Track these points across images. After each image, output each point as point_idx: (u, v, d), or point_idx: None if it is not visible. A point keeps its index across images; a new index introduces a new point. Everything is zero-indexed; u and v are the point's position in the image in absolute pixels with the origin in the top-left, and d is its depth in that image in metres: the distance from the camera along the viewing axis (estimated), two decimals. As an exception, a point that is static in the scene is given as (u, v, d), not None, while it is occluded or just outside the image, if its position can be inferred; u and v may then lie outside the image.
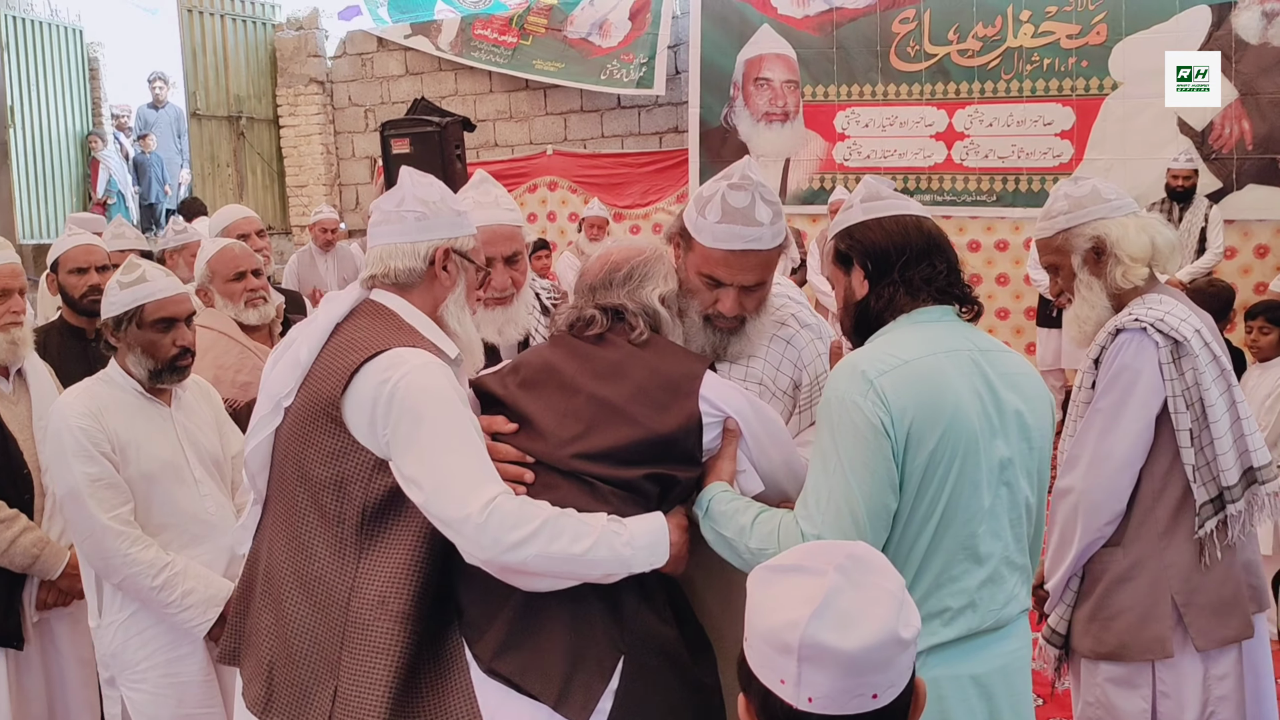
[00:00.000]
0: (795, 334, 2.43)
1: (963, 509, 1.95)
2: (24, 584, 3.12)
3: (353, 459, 2.00)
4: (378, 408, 1.96)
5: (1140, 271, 2.60)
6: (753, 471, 2.11)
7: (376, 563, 2.00)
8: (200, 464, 2.95)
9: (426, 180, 2.22)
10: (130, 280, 2.86)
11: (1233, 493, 2.54)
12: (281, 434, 2.11)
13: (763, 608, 1.28)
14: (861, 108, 9.26)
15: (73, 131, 11.90)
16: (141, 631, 2.83)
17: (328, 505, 2.02)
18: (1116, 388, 2.54)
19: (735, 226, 2.19)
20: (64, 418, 2.77)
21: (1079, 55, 8.50)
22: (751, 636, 1.29)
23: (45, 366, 3.34)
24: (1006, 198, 8.82)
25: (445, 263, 2.15)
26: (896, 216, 2.08)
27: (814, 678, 1.22)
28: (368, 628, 1.97)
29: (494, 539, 1.87)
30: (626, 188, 10.37)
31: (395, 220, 2.15)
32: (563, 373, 2.10)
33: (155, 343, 2.85)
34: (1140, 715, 2.58)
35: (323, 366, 2.06)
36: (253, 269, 3.68)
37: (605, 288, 2.19)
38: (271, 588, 2.11)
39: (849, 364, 1.97)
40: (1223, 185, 8.09)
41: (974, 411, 1.96)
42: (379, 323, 2.09)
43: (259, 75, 11.69)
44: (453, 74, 11.02)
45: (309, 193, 11.44)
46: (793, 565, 1.30)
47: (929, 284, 2.05)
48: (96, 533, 2.73)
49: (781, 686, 1.24)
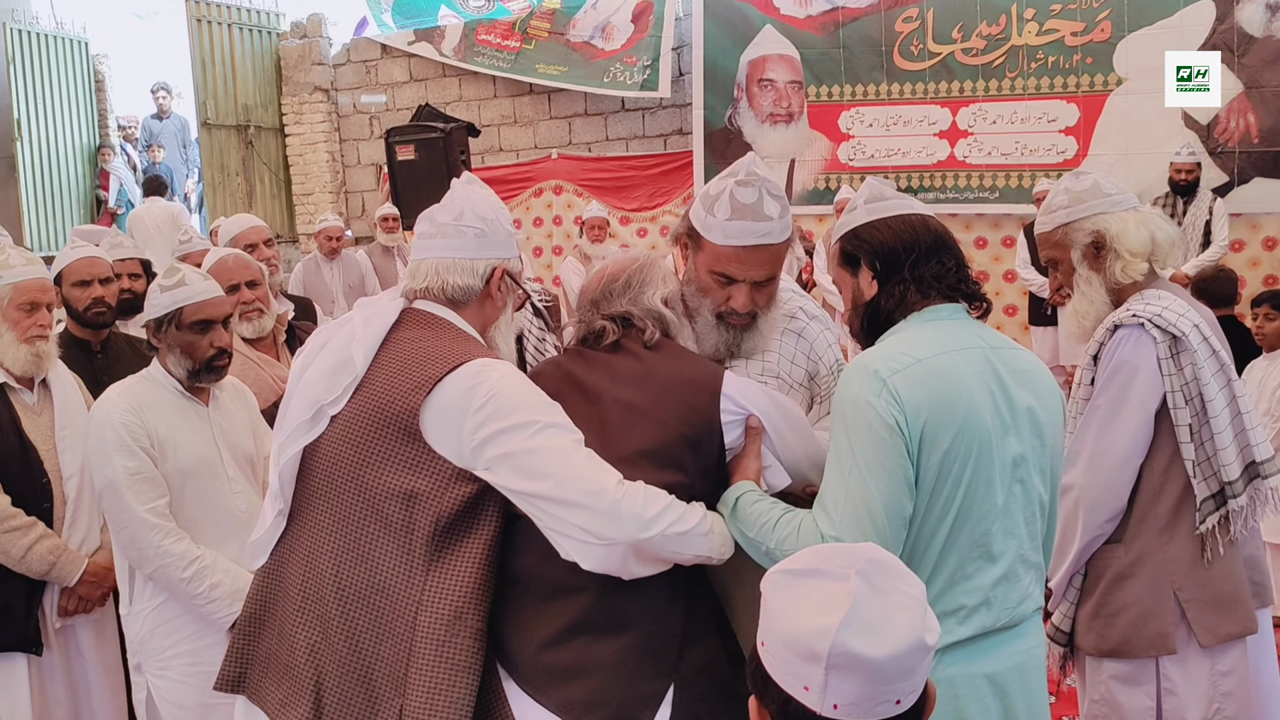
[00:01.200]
0: (805, 326, 2.46)
1: (977, 507, 1.95)
2: (44, 591, 3.18)
3: (428, 470, 1.97)
4: (469, 415, 1.93)
5: (1140, 266, 2.59)
6: (778, 466, 2.12)
7: (448, 576, 1.96)
8: (234, 462, 3.03)
9: (484, 195, 2.20)
10: (170, 284, 2.95)
11: (1234, 487, 2.53)
12: (327, 443, 2.07)
13: (785, 613, 1.26)
14: (866, 107, 9.27)
15: (80, 144, 11.95)
16: (169, 620, 2.92)
17: (393, 516, 1.98)
18: (1115, 384, 2.54)
19: (745, 222, 2.20)
20: (107, 413, 2.88)
21: (1083, 52, 8.51)
22: (771, 642, 1.27)
23: (72, 377, 3.39)
24: (1011, 194, 8.83)
25: (500, 283, 2.15)
26: (902, 215, 2.07)
27: (841, 686, 1.21)
28: (444, 644, 1.93)
29: (633, 514, 1.87)
30: (632, 191, 10.37)
31: (454, 235, 2.13)
32: (584, 382, 2.11)
33: (193, 344, 2.94)
34: (1145, 712, 2.58)
35: (388, 376, 2.02)
36: (247, 280, 3.66)
37: (607, 299, 2.20)
38: (315, 603, 2.04)
39: (860, 364, 1.96)
40: (1229, 179, 8.08)
41: (987, 409, 1.95)
42: (445, 334, 2.08)
43: (265, 84, 11.74)
44: (457, 80, 11.04)
45: (315, 200, 11.46)
46: (811, 569, 1.28)
47: (939, 281, 2.04)
48: (132, 524, 2.84)
49: (805, 694, 1.23)
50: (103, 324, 3.80)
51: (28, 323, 3.19)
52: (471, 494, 1.96)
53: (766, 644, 1.28)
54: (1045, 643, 2.15)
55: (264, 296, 3.73)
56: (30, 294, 3.21)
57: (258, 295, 3.69)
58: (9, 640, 3.13)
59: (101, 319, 3.78)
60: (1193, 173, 7.48)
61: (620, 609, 1.97)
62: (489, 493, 1.97)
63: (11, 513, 3.09)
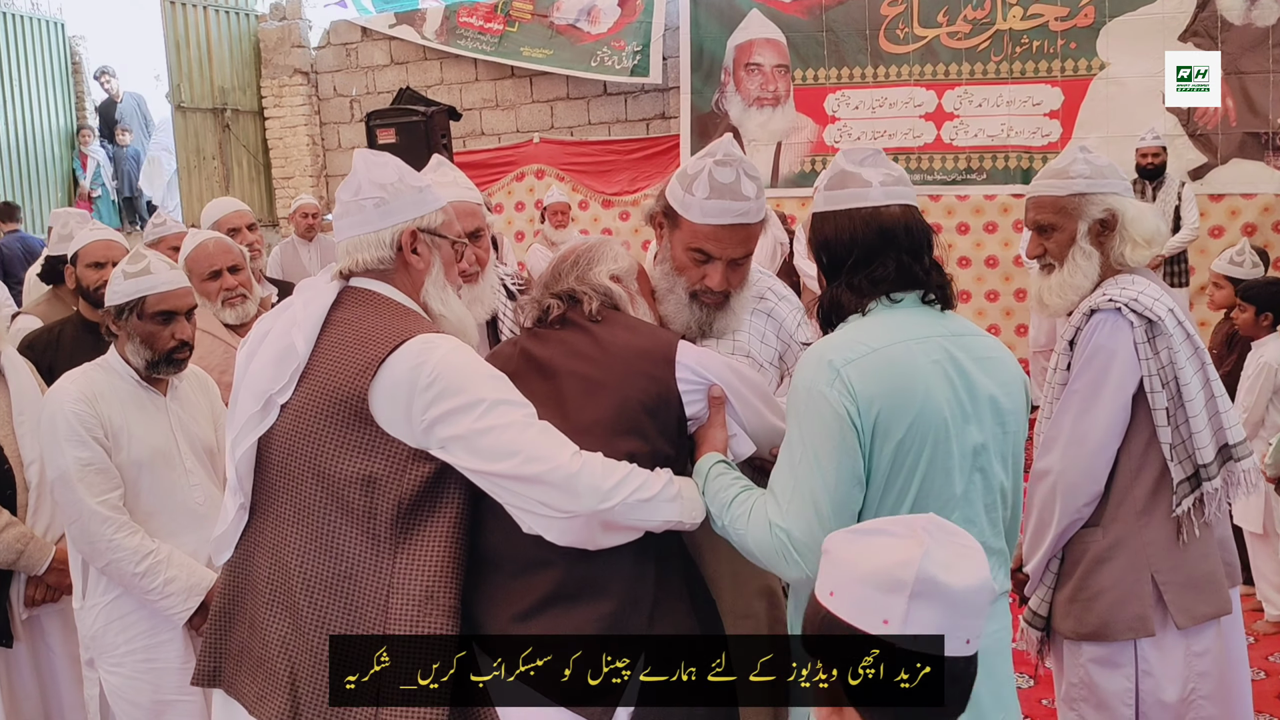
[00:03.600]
0: (775, 306, 2.52)
1: (934, 497, 1.93)
2: (11, 581, 3.12)
3: (383, 453, 1.95)
4: (416, 395, 1.91)
5: (1146, 254, 2.59)
6: (743, 434, 2.13)
7: (416, 557, 1.95)
8: (192, 453, 2.96)
9: (380, 160, 2.16)
10: (135, 271, 2.89)
11: (1209, 470, 2.53)
12: (280, 432, 2.04)
13: (861, 556, 1.30)
14: (851, 90, 9.31)
15: (57, 127, 11.87)
16: (123, 616, 2.85)
17: (354, 501, 1.96)
18: (1092, 368, 2.53)
19: (724, 201, 2.23)
20: (59, 402, 2.80)
21: (1067, 37, 8.60)
22: (845, 584, 1.30)
23: (24, 362, 3.34)
24: (998, 175, 8.91)
25: (414, 245, 2.11)
26: (849, 210, 2.02)
27: (923, 615, 1.26)
28: (416, 623, 1.92)
29: (591, 486, 1.87)
30: (614, 174, 10.35)
31: (355, 211, 2.10)
32: (538, 358, 2.12)
33: (154, 334, 2.87)
34: (1124, 694, 2.58)
35: (332, 360, 2.00)
36: (229, 265, 3.60)
37: (556, 279, 2.22)
38: (283, 595, 2.02)
39: (815, 353, 1.96)
40: (1207, 160, 8.26)
41: (944, 398, 1.94)
42: (383, 311, 2.05)
43: (243, 67, 11.64)
44: (438, 63, 10.98)
45: (295, 184, 11.39)
46: (875, 529, 1.35)
47: (876, 286, 2.00)
48: (84, 517, 2.77)
49: (884, 626, 1.26)
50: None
51: None
52: (431, 473, 1.95)
53: (837, 591, 1.31)
54: (1010, 627, 2.15)
55: (246, 281, 3.67)
56: None
57: (240, 280, 3.63)
58: (-24, 634, 3.06)
59: None
60: (1159, 156, 7.55)
61: (589, 579, 1.98)
62: (449, 470, 1.96)
63: None
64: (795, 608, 2.15)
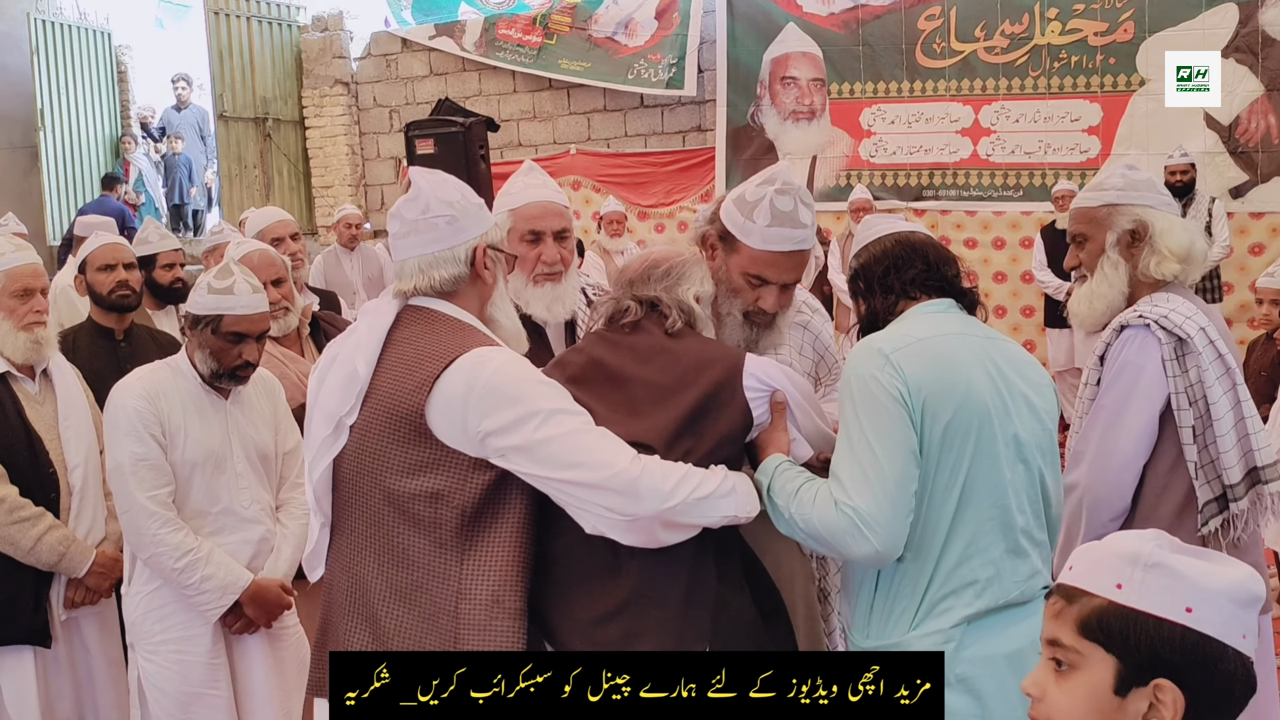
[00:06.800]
0: (810, 319, 2.68)
1: (983, 480, 2.03)
2: (51, 582, 3.18)
3: (445, 466, 2.01)
4: (471, 406, 1.96)
5: (1173, 267, 2.59)
6: (801, 439, 2.19)
7: (482, 563, 2.01)
8: (245, 458, 3.05)
9: (441, 179, 2.21)
10: (220, 287, 2.96)
11: (1235, 491, 2.52)
12: (349, 452, 2.11)
13: (1204, 574, 1.28)
14: (888, 104, 9.28)
15: (102, 134, 12.05)
16: (161, 606, 2.96)
17: (420, 514, 2.02)
18: (1120, 383, 2.54)
19: (784, 229, 2.33)
20: (123, 397, 2.93)
21: (1106, 52, 8.53)
22: (1205, 601, 1.27)
23: (71, 367, 3.41)
24: (1035, 193, 8.84)
25: (485, 260, 2.17)
26: (880, 236, 2.25)
27: (1254, 625, 1.29)
28: (485, 628, 1.98)
29: (652, 488, 1.91)
30: (650, 187, 10.37)
31: (426, 229, 2.13)
32: (608, 365, 2.16)
33: (224, 351, 2.97)
34: (1149, 715, 2.56)
35: (391, 380, 2.05)
36: (273, 279, 3.61)
37: (643, 282, 2.25)
38: (362, 606, 2.09)
39: (866, 344, 2.09)
40: (1248, 178, 8.13)
41: (986, 389, 2.05)
42: (439, 328, 2.10)
43: (285, 77, 11.77)
44: (477, 74, 11.06)
45: (334, 194, 11.50)
46: (1187, 551, 1.33)
47: (908, 286, 2.18)
48: (133, 510, 2.88)
49: (1243, 641, 1.28)
50: (127, 307, 3.88)
51: (23, 310, 3.19)
52: (492, 480, 2.00)
53: (1196, 608, 1.27)
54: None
55: (289, 294, 3.73)
56: (23, 280, 3.21)
57: (283, 293, 3.68)
58: (17, 633, 3.13)
59: (126, 301, 3.87)
60: (1187, 174, 7.45)
61: (658, 580, 2.03)
62: (510, 477, 2.01)
63: (20, 503, 3.09)
64: (847, 601, 2.20)
